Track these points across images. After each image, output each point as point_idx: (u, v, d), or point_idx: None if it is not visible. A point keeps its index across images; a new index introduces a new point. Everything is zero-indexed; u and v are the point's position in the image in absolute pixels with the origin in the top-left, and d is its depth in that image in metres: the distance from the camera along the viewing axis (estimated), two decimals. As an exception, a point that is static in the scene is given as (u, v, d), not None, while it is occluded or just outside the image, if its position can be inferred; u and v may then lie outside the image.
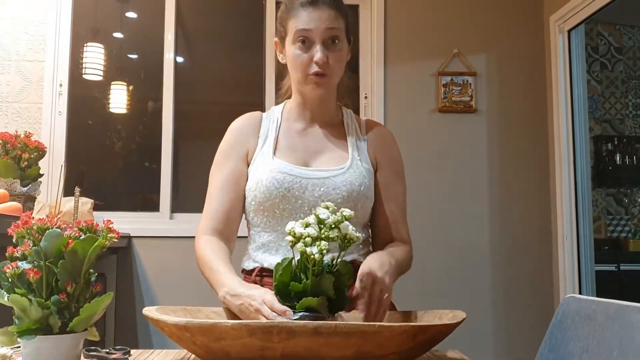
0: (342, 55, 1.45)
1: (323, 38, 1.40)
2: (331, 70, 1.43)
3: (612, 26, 5.26)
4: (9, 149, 2.45)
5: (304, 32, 1.41)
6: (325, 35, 1.40)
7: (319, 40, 1.40)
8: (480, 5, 3.53)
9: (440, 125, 3.43)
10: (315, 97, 1.49)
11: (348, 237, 1.05)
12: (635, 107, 5.24)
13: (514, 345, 3.32)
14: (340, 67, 1.46)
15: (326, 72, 1.42)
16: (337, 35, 1.42)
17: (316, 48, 1.40)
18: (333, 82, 1.47)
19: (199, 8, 3.65)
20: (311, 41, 1.41)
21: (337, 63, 1.44)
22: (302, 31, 1.41)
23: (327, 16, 1.41)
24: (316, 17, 1.40)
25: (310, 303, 1.01)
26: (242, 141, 1.51)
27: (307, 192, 1.41)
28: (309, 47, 1.41)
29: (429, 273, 3.25)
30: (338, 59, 1.43)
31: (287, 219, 1.40)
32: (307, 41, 1.41)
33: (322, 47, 1.40)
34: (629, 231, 5.11)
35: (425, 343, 0.97)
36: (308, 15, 1.41)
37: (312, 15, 1.41)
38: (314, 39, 1.41)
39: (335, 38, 1.42)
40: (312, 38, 1.41)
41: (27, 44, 3.23)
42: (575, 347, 0.88)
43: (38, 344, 0.91)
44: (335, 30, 1.41)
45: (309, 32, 1.40)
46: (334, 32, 1.41)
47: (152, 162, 3.46)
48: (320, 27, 1.40)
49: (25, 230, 0.94)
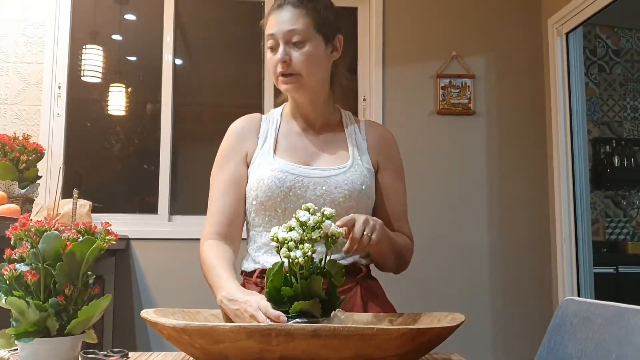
0: (309, 54, 1.43)
1: (285, 39, 1.42)
2: (298, 69, 1.43)
3: (610, 29, 5.26)
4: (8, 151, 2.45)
5: (270, 37, 1.45)
6: (286, 37, 1.42)
7: (282, 42, 1.43)
8: (479, 8, 3.54)
9: (439, 127, 3.43)
10: (296, 98, 1.51)
11: (331, 234, 1.05)
12: (634, 109, 5.25)
13: (513, 348, 3.32)
14: (311, 65, 1.44)
15: (291, 71, 1.43)
16: (299, 35, 1.42)
17: (279, 49, 1.43)
18: (307, 81, 1.45)
19: (198, 10, 3.65)
20: (277, 44, 1.44)
21: (305, 62, 1.43)
22: (268, 36, 1.45)
23: (288, 18, 1.43)
24: (278, 20, 1.44)
25: (303, 306, 1.01)
26: (241, 143, 1.51)
27: (308, 191, 1.41)
28: (276, 50, 1.44)
29: (427, 275, 3.25)
30: (304, 58, 1.42)
31: (288, 218, 1.40)
32: (274, 44, 1.44)
33: (284, 47, 1.42)
34: (628, 233, 5.11)
35: (424, 346, 0.97)
36: (273, 19, 1.45)
37: (275, 19, 1.44)
38: (278, 41, 1.43)
39: (297, 37, 1.42)
40: (277, 40, 1.43)
41: (26, 46, 3.22)
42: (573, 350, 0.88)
43: (36, 347, 0.91)
44: (295, 30, 1.42)
45: (273, 36, 1.44)
46: (294, 32, 1.42)
47: (150, 164, 3.46)
48: (281, 30, 1.42)
49: (23, 232, 0.93)
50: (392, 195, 1.52)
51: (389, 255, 1.41)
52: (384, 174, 1.53)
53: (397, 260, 1.46)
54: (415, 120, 3.41)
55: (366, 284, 1.48)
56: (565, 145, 3.31)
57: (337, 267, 1.07)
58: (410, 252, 1.50)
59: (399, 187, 1.54)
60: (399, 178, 1.55)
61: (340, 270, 1.07)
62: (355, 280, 1.44)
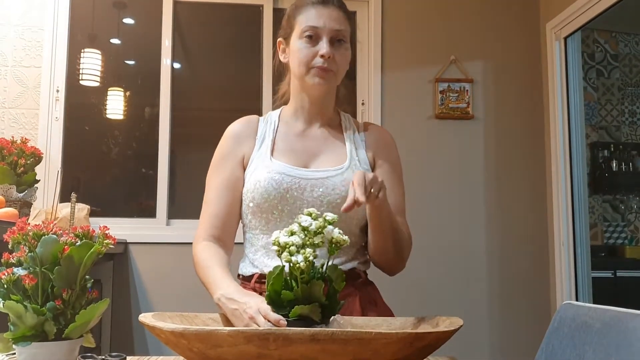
0: (346, 56, 1.48)
1: (330, 36, 1.43)
2: (336, 67, 1.45)
3: (609, 33, 5.28)
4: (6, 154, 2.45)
5: (313, 29, 1.44)
6: (332, 33, 1.44)
7: (326, 37, 1.43)
8: (477, 12, 3.55)
9: (437, 131, 3.44)
10: (316, 94, 1.50)
11: (335, 241, 1.05)
12: (632, 114, 5.26)
13: (511, 352, 3.32)
14: (344, 66, 1.49)
15: (331, 67, 1.44)
16: (344, 36, 1.46)
17: (322, 43, 1.43)
18: (336, 80, 1.49)
19: (196, 15, 3.65)
20: (318, 37, 1.44)
21: (342, 62, 1.47)
22: (311, 27, 1.44)
23: (336, 16, 1.45)
24: (326, 15, 1.44)
25: (302, 311, 1.01)
26: (238, 145, 1.51)
27: (305, 193, 1.41)
28: (315, 42, 1.44)
29: (425, 280, 3.25)
30: (343, 58, 1.46)
31: (285, 220, 1.41)
32: (314, 36, 1.44)
33: (329, 44, 1.43)
34: (626, 238, 5.11)
35: (422, 350, 0.97)
36: (317, 12, 1.44)
37: (321, 13, 1.44)
38: (322, 35, 1.43)
39: (342, 38, 1.45)
40: (319, 34, 1.43)
41: (24, 50, 3.22)
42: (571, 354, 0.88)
43: (33, 351, 0.91)
44: (342, 31, 1.45)
45: (317, 29, 1.43)
46: (341, 32, 1.45)
47: (148, 168, 3.46)
48: (328, 25, 1.43)
49: (21, 236, 0.93)
50: (388, 192, 1.51)
51: (389, 237, 1.39)
52: (379, 171, 1.51)
53: (396, 248, 1.43)
54: (414, 124, 3.42)
55: (364, 289, 1.47)
56: (564, 149, 3.31)
57: (338, 272, 1.07)
58: (407, 248, 1.47)
59: (394, 185, 1.52)
60: (395, 176, 1.54)
61: (340, 275, 1.07)
62: (354, 285, 1.44)
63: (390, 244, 1.42)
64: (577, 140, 3.31)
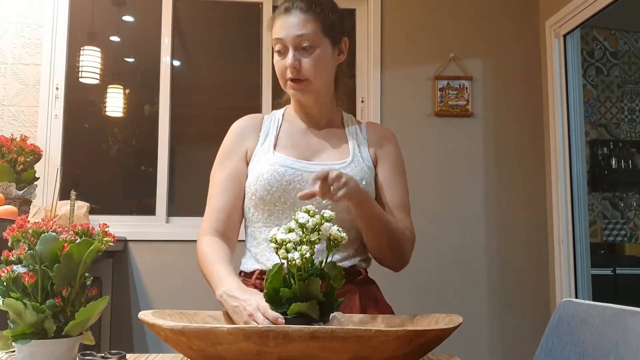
0: (318, 59, 1.44)
1: (294, 44, 1.43)
2: (307, 74, 1.44)
3: (608, 31, 5.27)
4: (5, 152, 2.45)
5: (278, 41, 1.45)
6: (295, 42, 1.43)
7: (291, 47, 1.43)
8: (476, 10, 3.54)
9: (437, 129, 3.43)
10: (303, 102, 1.52)
11: (333, 238, 1.05)
12: (631, 111, 5.26)
13: (510, 350, 3.32)
14: (320, 70, 1.45)
15: (300, 77, 1.44)
16: (307, 39, 1.43)
17: (289, 54, 1.43)
18: (315, 86, 1.47)
19: (196, 12, 3.65)
20: (285, 48, 1.44)
21: (314, 67, 1.44)
22: (276, 40, 1.45)
23: (296, 22, 1.43)
24: (287, 24, 1.44)
25: (300, 308, 1.01)
26: (242, 141, 1.52)
27: (308, 186, 1.40)
28: (284, 54, 1.45)
29: (425, 277, 3.25)
30: (314, 63, 1.43)
31: (288, 213, 1.41)
32: (282, 48, 1.45)
33: (294, 53, 1.43)
34: (625, 235, 5.12)
35: (422, 347, 0.97)
36: (281, 23, 1.45)
37: (284, 23, 1.44)
38: (287, 46, 1.43)
39: (307, 42, 1.43)
40: (285, 45, 1.44)
41: (24, 47, 3.22)
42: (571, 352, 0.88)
43: (33, 348, 0.91)
44: (305, 35, 1.42)
45: (281, 41, 1.44)
46: (303, 37, 1.42)
47: (148, 165, 3.46)
48: (290, 34, 1.43)
49: (20, 234, 0.93)
50: (389, 187, 1.51)
51: (380, 233, 1.39)
52: (381, 169, 1.53)
53: (393, 245, 1.43)
54: (413, 121, 3.42)
55: (365, 287, 1.47)
56: (563, 147, 3.31)
57: (337, 270, 1.07)
58: (409, 243, 1.47)
59: (396, 181, 1.53)
60: (397, 172, 1.54)
61: (340, 272, 1.07)
62: (354, 283, 1.44)
63: (383, 241, 1.42)
64: (577, 138, 3.31)
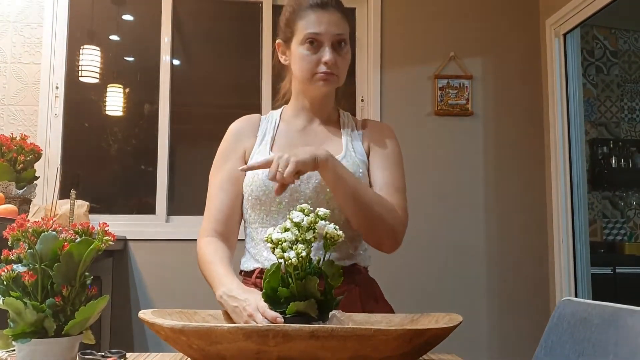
0: (348, 59, 1.49)
1: (332, 41, 1.44)
2: (339, 71, 1.47)
3: (608, 30, 5.27)
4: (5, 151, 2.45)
5: (314, 35, 1.44)
6: (334, 38, 1.44)
7: (327, 43, 1.44)
8: (476, 9, 3.54)
9: (437, 128, 3.43)
10: (318, 96, 1.52)
11: (329, 236, 1.05)
12: (631, 110, 5.26)
13: (510, 349, 3.33)
14: (346, 68, 1.50)
15: (334, 72, 1.46)
16: (344, 39, 1.46)
17: (325, 50, 1.44)
18: (339, 82, 1.50)
19: (195, 11, 3.64)
20: (320, 43, 1.44)
21: (344, 65, 1.48)
22: (312, 34, 1.44)
23: (335, 20, 1.45)
24: (326, 20, 1.44)
25: (299, 307, 1.01)
26: (239, 142, 1.53)
27: (302, 185, 1.41)
28: (317, 48, 1.45)
29: (425, 276, 3.25)
30: (345, 62, 1.48)
31: (284, 213, 1.41)
32: (316, 43, 1.44)
33: (331, 49, 1.44)
34: (625, 234, 5.12)
35: (422, 346, 0.97)
36: (317, 18, 1.44)
37: (321, 18, 1.44)
38: (323, 42, 1.44)
39: (343, 41, 1.46)
40: (321, 40, 1.44)
41: (23, 47, 3.22)
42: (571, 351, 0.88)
43: (33, 348, 0.91)
44: (343, 35, 1.46)
45: (318, 35, 1.44)
46: (342, 36, 1.45)
47: (148, 164, 3.46)
48: (329, 31, 1.44)
49: (20, 233, 0.93)
50: (377, 170, 1.49)
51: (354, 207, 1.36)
52: (373, 156, 1.52)
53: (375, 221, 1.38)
54: (413, 121, 3.42)
55: (365, 285, 1.48)
56: (563, 146, 3.31)
57: (335, 268, 1.07)
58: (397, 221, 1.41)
59: (386, 163, 1.50)
60: (387, 156, 1.52)
61: (337, 271, 1.07)
62: (355, 281, 1.44)
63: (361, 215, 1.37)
64: (577, 137, 3.31)
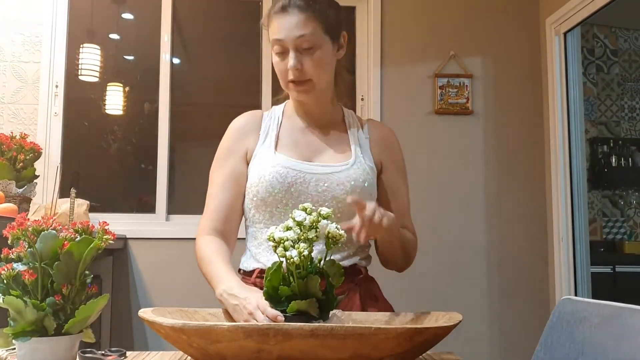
0: (320, 59, 1.41)
1: (295, 45, 1.39)
2: (310, 75, 1.41)
3: (608, 29, 5.27)
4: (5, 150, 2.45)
5: (277, 42, 1.41)
6: (296, 42, 1.39)
7: (292, 47, 1.39)
8: (477, 8, 3.54)
9: (437, 127, 3.43)
10: (305, 102, 1.50)
11: (331, 235, 1.05)
12: (631, 109, 5.26)
13: (510, 347, 3.33)
14: (322, 69, 1.43)
15: (303, 78, 1.41)
16: (309, 41, 1.39)
17: (290, 56, 1.39)
18: (318, 86, 1.44)
19: (195, 9, 3.64)
20: (285, 49, 1.40)
21: (316, 67, 1.41)
22: (275, 41, 1.41)
23: (296, 23, 1.39)
24: (286, 25, 1.39)
25: (300, 306, 1.01)
26: (242, 140, 1.51)
27: (310, 187, 1.40)
28: (284, 55, 1.41)
29: (425, 275, 3.25)
30: (316, 64, 1.41)
31: (289, 214, 1.40)
32: (282, 50, 1.41)
33: (295, 54, 1.39)
34: (625, 233, 5.12)
35: (422, 345, 0.97)
36: (279, 24, 1.40)
37: (282, 24, 1.40)
38: (287, 47, 1.40)
39: (308, 43, 1.39)
40: (285, 46, 1.40)
41: (23, 45, 3.22)
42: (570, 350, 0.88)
43: (33, 346, 0.91)
44: (305, 36, 1.39)
45: (280, 42, 1.40)
46: (304, 38, 1.39)
47: (148, 163, 3.46)
48: (289, 36, 1.39)
49: (20, 231, 0.93)
50: (395, 192, 1.53)
51: (397, 250, 1.42)
52: (387, 173, 1.53)
53: (404, 256, 1.47)
54: (413, 119, 3.41)
55: (365, 285, 1.48)
56: (563, 144, 3.31)
57: (336, 268, 1.07)
58: (414, 250, 1.52)
59: (402, 185, 1.55)
60: (401, 176, 1.56)
61: (339, 270, 1.07)
62: (355, 281, 1.44)
63: (399, 255, 1.46)
64: (577, 136, 3.31)
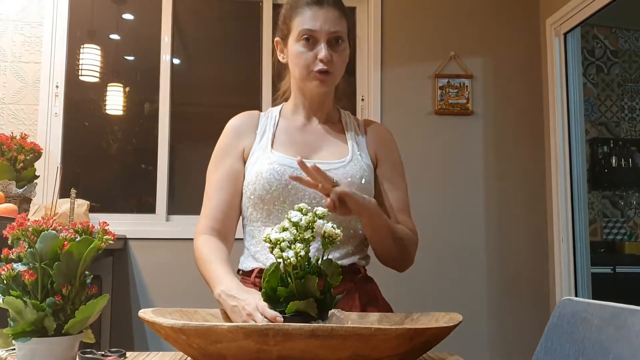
0: (345, 56, 1.48)
1: (328, 38, 1.43)
2: (335, 69, 1.45)
3: (608, 29, 5.27)
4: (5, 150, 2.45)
5: (309, 32, 1.43)
6: (330, 35, 1.43)
7: (323, 40, 1.43)
8: (477, 8, 3.54)
9: (437, 127, 3.43)
10: (316, 95, 1.51)
11: (327, 235, 1.05)
12: (631, 110, 5.26)
13: (510, 348, 3.33)
14: (343, 66, 1.49)
15: (330, 69, 1.44)
16: (340, 36, 1.45)
17: (320, 46, 1.43)
18: (335, 80, 1.49)
19: (195, 10, 3.64)
20: (316, 40, 1.44)
21: (340, 62, 1.47)
22: (308, 31, 1.43)
23: (331, 17, 1.44)
24: (321, 17, 1.43)
25: (298, 306, 1.01)
26: (239, 139, 1.51)
27: None
28: (313, 45, 1.44)
29: (425, 275, 3.25)
30: (341, 59, 1.47)
31: (287, 212, 1.40)
32: (312, 39, 1.44)
33: (327, 46, 1.43)
34: (625, 233, 5.12)
35: (422, 346, 0.97)
36: (313, 14, 1.44)
37: (317, 15, 1.43)
38: (319, 38, 1.43)
39: (339, 38, 1.45)
40: (317, 37, 1.43)
41: (23, 45, 3.22)
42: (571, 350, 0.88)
43: (33, 346, 0.91)
44: (339, 32, 1.45)
45: (314, 32, 1.43)
46: (338, 33, 1.44)
47: (148, 164, 3.46)
48: (325, 28, 1.43)
49: (20, 232, 0.93)
50: (391, 189, 1.52)
51: (387, 240, 1.40)
52: (382, 170, 1.53)
53: (400, 251, 1.44)
54: (414, 120, 3.41)
55: (364, 285, 1.47)
56: (563, 145, 3.31)
57: (334, 267, 1.06)
58: (413, 246, 1.49)
59: (398, 182, 1.54)
60: (397, 173, 1.56)
61: (337, 269, 1.07)
62: (354, 281, 1.44)
63: (392, 248, 1.43)
64: (577, 136, 3.31)
